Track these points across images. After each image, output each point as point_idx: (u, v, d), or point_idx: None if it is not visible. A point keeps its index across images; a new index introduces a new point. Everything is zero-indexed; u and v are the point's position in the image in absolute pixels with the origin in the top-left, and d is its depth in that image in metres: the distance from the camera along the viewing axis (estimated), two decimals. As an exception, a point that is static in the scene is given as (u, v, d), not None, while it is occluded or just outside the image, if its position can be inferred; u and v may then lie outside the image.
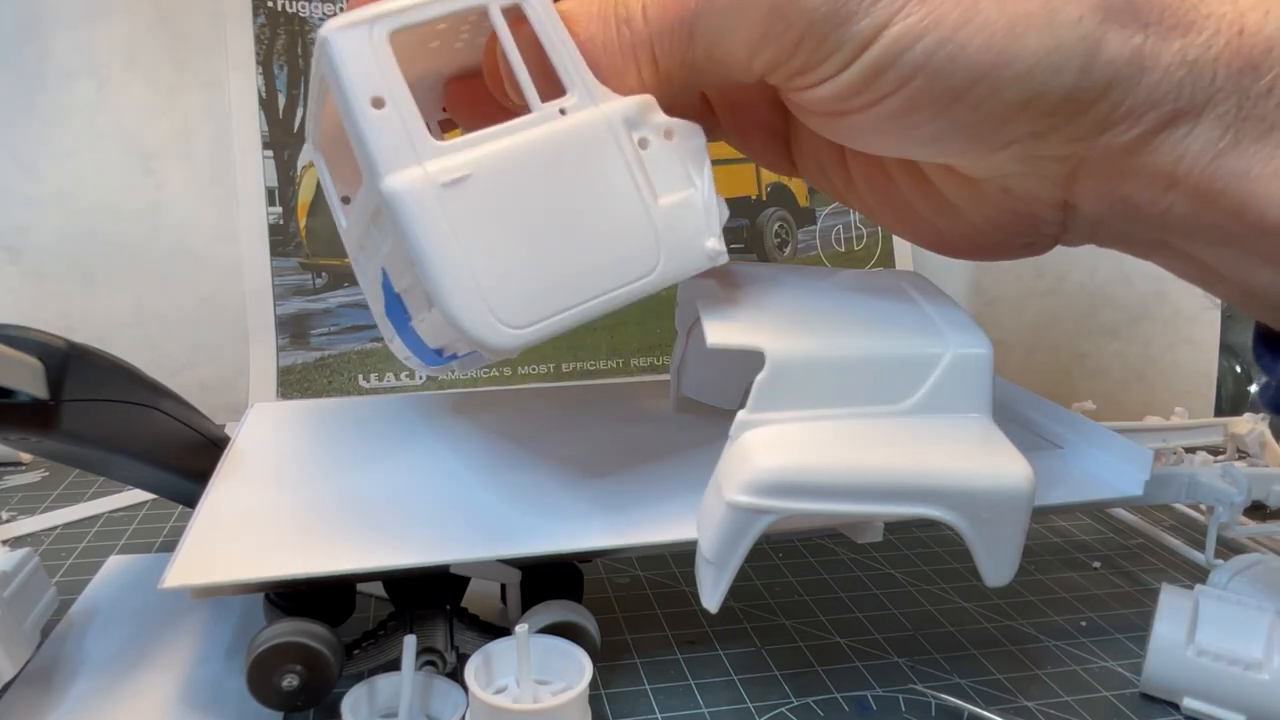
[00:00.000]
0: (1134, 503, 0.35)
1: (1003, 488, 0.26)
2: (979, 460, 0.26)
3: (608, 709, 0.30)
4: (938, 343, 0.28)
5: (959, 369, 0.28)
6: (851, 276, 0.32)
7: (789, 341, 0.27)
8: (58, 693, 0.30)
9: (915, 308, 0.30)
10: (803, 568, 0.40)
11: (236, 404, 0.54)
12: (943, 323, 0.29)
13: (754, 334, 0.27)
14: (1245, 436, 0.47)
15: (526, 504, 0.31)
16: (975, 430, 0.27)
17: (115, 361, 0.30)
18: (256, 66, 0.56)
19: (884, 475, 0.25)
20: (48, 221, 0.55)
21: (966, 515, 0.26)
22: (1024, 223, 0.28)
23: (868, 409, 0.27)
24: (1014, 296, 0.66)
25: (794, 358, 0.27)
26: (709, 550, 0.26)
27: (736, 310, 0.28)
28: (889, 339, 0.28)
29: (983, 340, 0.28)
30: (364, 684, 0.28)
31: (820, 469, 0.25)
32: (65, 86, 0.54)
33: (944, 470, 0.26)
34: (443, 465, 0.33)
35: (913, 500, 0.25)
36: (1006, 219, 0.28)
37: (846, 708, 0.30)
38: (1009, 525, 0.26)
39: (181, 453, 0.34)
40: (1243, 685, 0.29)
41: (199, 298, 0.57)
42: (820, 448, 0.26)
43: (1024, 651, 0.34)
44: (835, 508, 0.25)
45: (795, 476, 0.25)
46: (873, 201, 0.31)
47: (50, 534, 0.42)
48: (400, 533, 0.29)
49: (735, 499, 0.25)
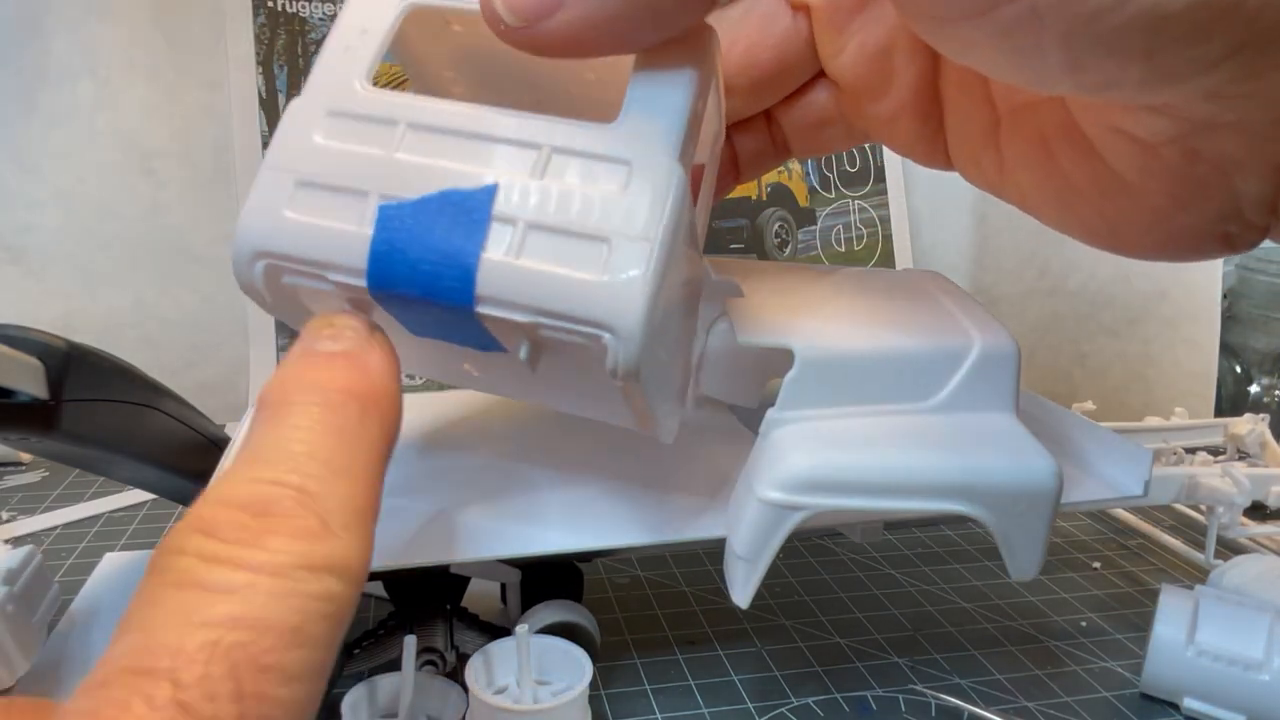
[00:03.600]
0: (1134, 503, 0.35)
1: (1030, 483, 0.26)
2: (1006, 456, 0.26)
3: (608, 709, 0.30)
4: (964, 341, 0.28)
5: (985, 367, 0.28)
6: (875, 275, 0.32)
7: (818, 339, 0.27)
8: (67, 689, 0.30)
9: (940, 306, 0.30)
10: (803, 568, 0.40)
11: (236, 404, 0.54)
12: (967, 321, 0.29)
13: (783, 332, 0.27)
14: (1245, 437, 0.47)
15: (527, 503, 0.31)
16: (1001, 427, 0.28)
17: (115, 361, 0.30)
18: (256, 66, 0.56)
19: (914, 471, 0.26)
20: (48, 221, 0.55)
21: (994, 510, 0.26)
22: (1219, 202, 0.21)
23: (895, 407, 0.27)
24: (1015, 296, 0.66)
25: (823, 356, 0.27)
26: (741, 546, 0.26)
27: (763, 308, 0.29)
28: (916, 337, 0.28)
29: (1008, 338, 0.28)
30: (364, 684, 0.28)
31: (851, 466, 0.25)
32: (65, 86, 0.54)
33: (973, 466, 0.26)
34: (443, 464, 0.33)
35: (942, 496, 0.26)
36: (1194, 196, 0.21)
37: (846, 708, 0.30)
38: (1035, 520, 0.26)
39: (181, 453, 0.33)
40: (1243, 685, 0.29)
41: (199, 298, 0.57)
42: (851, 445, 0.26)
43: (1024, 651, 0.34)
44: (866, 504, 0.25)
45: (827, 473, 0.25)
46: (1029, 184, 0.26)
47: (50, 534, 0.42)
48: (400, 532, 0.29)
49: (767, 495, 0.25)
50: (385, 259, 0.20)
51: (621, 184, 0.20)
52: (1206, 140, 0.20)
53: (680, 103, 0.21)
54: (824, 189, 0.64)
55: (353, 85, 0.22)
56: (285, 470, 0.17)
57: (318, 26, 0.56)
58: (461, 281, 0.20)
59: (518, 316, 0.20)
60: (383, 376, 0.20)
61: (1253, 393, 0.65)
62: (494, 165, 0.21)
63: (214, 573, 0.16)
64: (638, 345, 0.20)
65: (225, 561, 0.16)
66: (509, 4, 0.20)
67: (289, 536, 0.16)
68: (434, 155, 0.21)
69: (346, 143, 0.22)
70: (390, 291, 0.21)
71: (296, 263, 0.21)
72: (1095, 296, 0.66)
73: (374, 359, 0.20)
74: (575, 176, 0.21)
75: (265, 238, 0.21)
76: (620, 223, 0.20)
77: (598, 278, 0.20)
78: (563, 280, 0.20)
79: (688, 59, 0.21)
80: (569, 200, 0.20)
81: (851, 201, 0.64)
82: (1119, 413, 0.58)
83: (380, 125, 0.22)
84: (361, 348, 0.20)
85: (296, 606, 0.16)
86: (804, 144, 0.30)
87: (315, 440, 0.18)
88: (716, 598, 0.37)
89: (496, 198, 0.20)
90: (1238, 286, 0.67)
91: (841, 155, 0.64)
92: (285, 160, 0.22)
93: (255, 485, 0.17)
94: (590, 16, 0.19)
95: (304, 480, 0.17)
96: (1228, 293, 0.67)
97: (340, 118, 0.22)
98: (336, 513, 0.17)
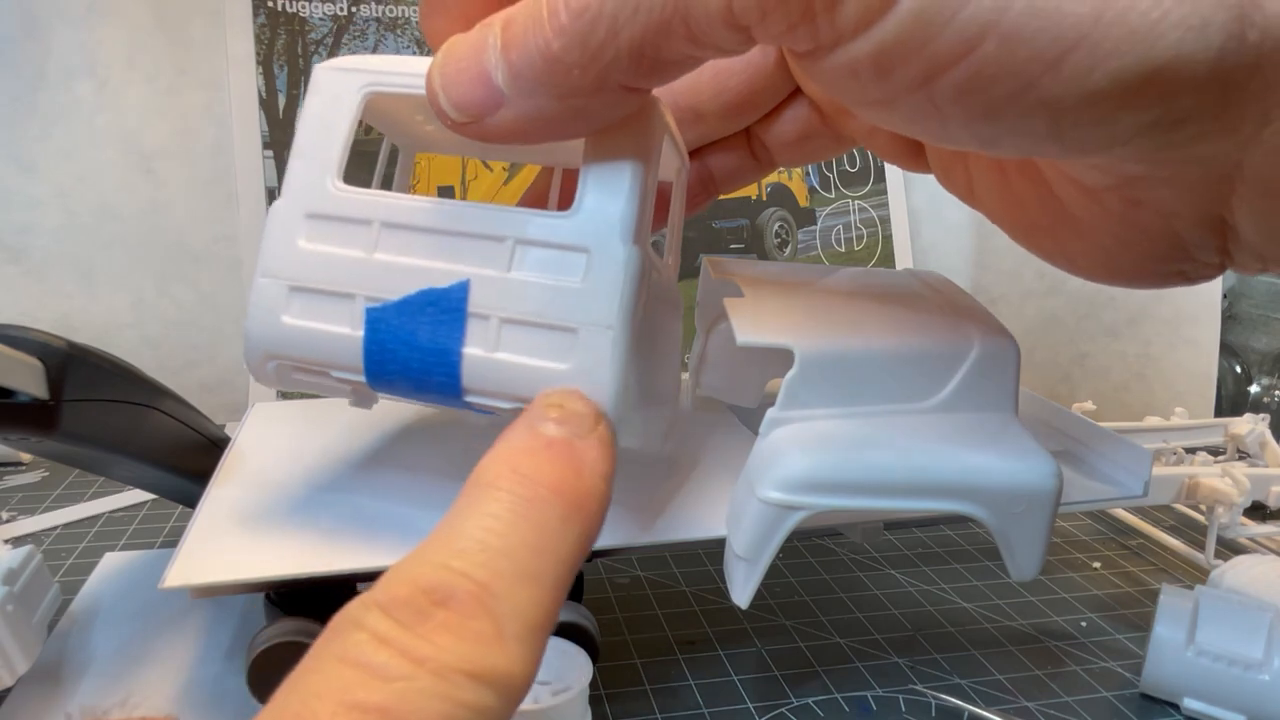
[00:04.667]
0: (1134, 503, 0.35)
1: (1031, 484, 0.26)
2: (1007, 456, 0.26)
3: (608, 709, 0.30)
4: (964, 341, 0.28)
5: (985, 367, 0.28)
6: (875, 275, 0.32)
7: (818, 340, 0.27)
8: (67, 689, 0.30)
9: (940, 306, 0.30)
10: (803, 568, 0.40)
11: (236, 404, 0.54)
12: (967, 321, 0.29)
13: (783, 332, 0.27)
14: (1245, 437, 0.47)
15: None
16: (1002, 427, 0.28)
17: (115, 361, 0.30)
18: (256, 66, 0.56)
19: (914, 472, 0.26)
20: (48, 221, 0.55)
21: (994, 511, 0.26)
22: (1164, 246, 0.21)
23: (895, 406, 0.28)
24: (1014, 297, 0.66)
25: (823, 356, 0.27)
26: (740, 547, 0.26)
27: (763, 309, 0.29)
28: (916, 337, 0.28)
29: (1008, 338, 0.28)
30: (364, 684, 0.28)
31: (852, 466, 0.25)
32: (65, 86, 0.54)
33: (973, 467, 0.26)
34: (444, 464, 0.33)
35: (942, 496, 0.26)
36: (1139, 240, 0.21)
37: (846, 708, 0.30)
38: (1036, 521, 0.26)
39: (181, 453, 0.34)
40: (1243, 685, 0.29)
41: (199, 298, 0.57)
42: (851, 445, 0.26)
43: (1024, 651, 0.34)
44: (866, 504, 0.26)
45: (827, 473, 0.25)
46: (995, 207, 0.26)
47: (50, 534, 0.42)
48: (401, 532, 0.29)
49: (767, 495, 0.25)
50: (378, 358, 0.23)
51: (581, 273, 0.22)
52: (1142, 191, 0.20)
53: (627, 188, 0.22)
54: (824, 189, 0.64)
55: (326, 185, 0.24)
56: (474, 563, 0.17)
57: (318, 26, 0.56)
58: (449, 377, 0.22)
59: (501, 404, 0.22)
60: (594, 478, 0.19)
61: (1253, 393, 0.65)
62: (464, 260, 0.23)
63: (380, 654, 0.16)
64: (613, 421, 0.21)
65: (394, 645, 0.16)
66: (453, 101, 0.20)
67: (460, 637, 0.16)
68: (408, 254, 0.23)
69: (328, 245, 0.23)
70: (386, 384, 0.23)
71: (302, 362, 0.24)
72: (1095, 296, 0.66)
73: (590, 455, 0.20)
74: (539, 267, 0.22)
75: (270, 343, 0.24)
76: (583, 313, 0.22)
77: (568, 367, 0.22)
78: (538, 371, 0.22)
79: (631, 137, 0.23)
80: (536, 292, 0.22)
81: (851, 201, 0.64)
82: (1119, 413, 0.58)
83: (356, 225, 0.23)
84: (582, 438, 0.20)
85: (445, 712, 0.16)
86: (789, 156, 0.30)
87: (512, 537, 0.18)
88: (716, 598, 0.37)
89: (470, 293, 0.22)
90: (1238, 286, 0.67)
91: (841, 155, 0.64)
92: (275, 266, 0.24)
93: (441, 572, 0.17)
94: (529, 115, 0.20)
95: (490, 579, 0.17)
96: (1228, 293, 0.67)
97: (318, 220, 0.24)
98: (513, 620, 0.17)
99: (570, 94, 0.19)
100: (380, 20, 0.57)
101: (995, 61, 0.16)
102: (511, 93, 0.19)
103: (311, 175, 0.24)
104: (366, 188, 0.24)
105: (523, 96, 0.19)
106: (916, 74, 0.17)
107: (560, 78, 0.19)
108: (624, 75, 0.19)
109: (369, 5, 0.56)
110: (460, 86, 0.20)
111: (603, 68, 0.18)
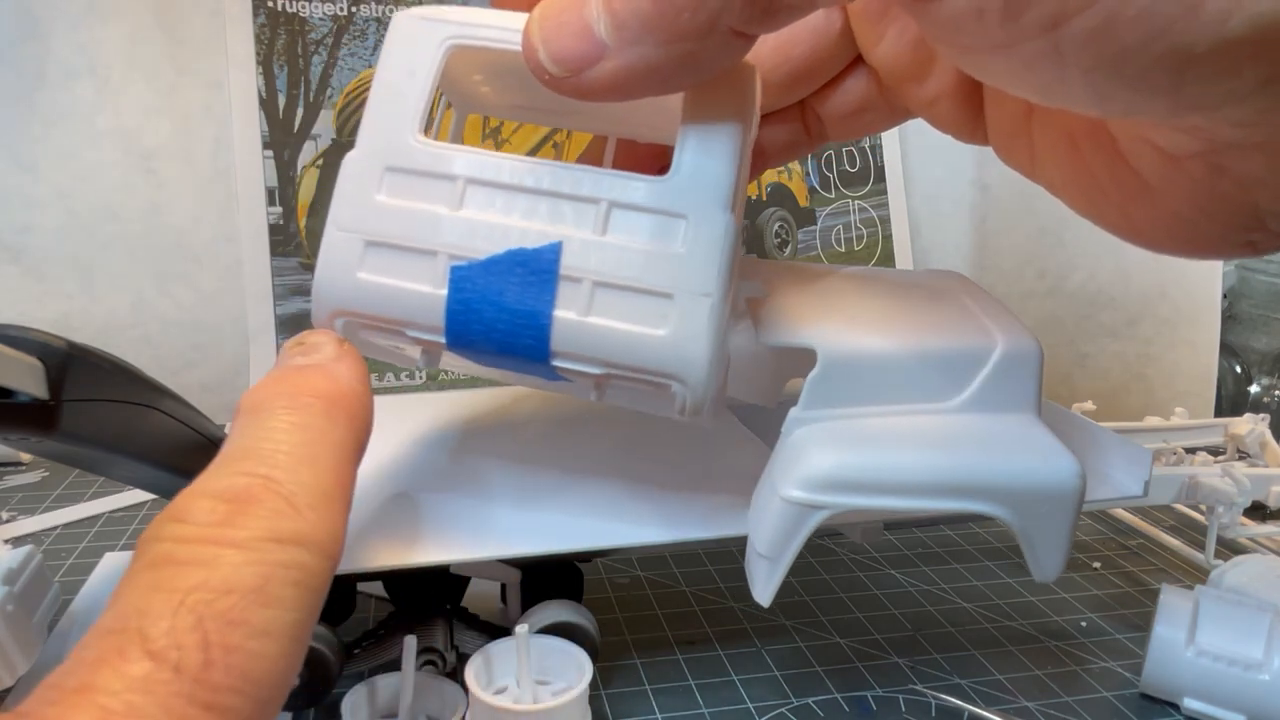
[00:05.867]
0: (1134, 503, 0.35)
1: (1053, 484, 0.26)
2: (1029, 457, 0.26)
3: (608, 709, 0.30)
4: (986, 341, 0.28)
5: (1007, 368, 0.28)
6: (896, 275, 0.32)
7: (841, 339, 0.27)
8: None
9: (962, 306, 0.30)
10: (803, 568, 0.40)
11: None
12: (990, 322, 0.29)
13: (806, 332, 0.27)
14: (1245, 437, 0.47)
15: (528, 503, 0.31)
16: (1024, 427, 0.27)
17: (115, 361, 0.30)
18: (256, 66, 0.56)
19: (936, 471, 0.26)
20: (48, 221, 0.54)
21: (1017, 511, 0.26)
22: (1242, 215, 0.21)
23: (917, 406, 0.27)
24: (1014, 297, 0.66)
25: (846, 355, 0.27)
26: (763, 545, 0.26)
27: (785, 308, 0.29)
28: (939, 337, 0.28)
29: (1030, 339, 0.28)
30: (364, 684, 0.28)
31: (874, 465, 0.25)
32: (65, 86, 0.54)
33: (995, 467, 0.26)
34: (444, 464, 0.33)
35: (964, 496, 0.26)
36: (1218, 206, 0.21)
37: (846, 708, 0.30)
38: (1058, 521, 0.26)
39: (181, 453, 0.33)
40: (1243, 685, 0.29)
41: (199, 298, 0.57)
42: (874, 444, 0.26)
43: (1024, 651, 0.34)
44: (888, 503, 0.25)
45: (850, 473, 0.25)
46: (1057, 178, 0.26)
47: (50, 534, 0.42)
48: (400, 532, 0.29)
49: (790, 495, 0.25)
50: (461, 319, 0.22)
51: (679, 239, 0.21)
52: (1231, 158, 0.20)
53: (728, 152, 0.22)
54: (824, 189, 0.64)
55: (407, 139, 0.23)
56: (255, 464, 0.19)
57: (318, 26, 0.56)
58: (537, 340, 0.22)
59: (590, 369, 0.22)
60: (350, 380, 0.22)
61: (1253, 393, 0.65)
62: (555, 222, 0.22)
63: (186, 550, 0.17)
64: (704, 390, 0.21)
65: (196, 541, 0.17)
66: (553, 55, 0.20)
67: (257, 516, 0.18)
68: (496, 212, 0.22)
69: (409, 200, 0.22)
70: (468, 345, 0.22)
71: (374, 320, 0.23)
72: (1094, 297, 0.66)
73: (342, 367, 0.22)
74: (635, 231, 0.22)
75: (342, 298, 0.23)
76: (681, 279, 0.21)
77: (665, 333, 0.21)
78: (633, 336, 0.21)
79: (731, 99, 0.22)
80: (631, 256, 0.21)
81: (851, 202, 0.64)
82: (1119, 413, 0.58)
83: (439, 181, 0.22)
84: (329, 360, 0.22)
85: (261, 571, 0.17)
86: (843, 129, 0.30)
87: (283, 437, 0.20)
88: (716, 598, 0.37)
89: (562, 255, 0.22)
90: (1238, 286, 0.67)
91: (841, 155, 0.64)
92: (351, 220, 0.23)
93: (228, 478, 0.19)
94: (632, 66, 0.19)
95: (271, 470, 0.19)
96: (1228, 293, 0.67)
97: (399, 174, 0.23)
98: (303, 495, 0.19)
99: (678, 38, 0.19)
100: (380, 20, 0.57)
101: (1133, 2, 0.16)
102: (615, 43, 0.19)
103: (390, 127, 0.23)
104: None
105: (626, 45, 0.19)
106: (1049, 14, 0.16)
107: (669, 20, 0.19)
108: (736, 18, 0.19)
109: (369, 5, 0.56)
110: (561, 40, 0.20)
111: (715, 8, 0.18)
